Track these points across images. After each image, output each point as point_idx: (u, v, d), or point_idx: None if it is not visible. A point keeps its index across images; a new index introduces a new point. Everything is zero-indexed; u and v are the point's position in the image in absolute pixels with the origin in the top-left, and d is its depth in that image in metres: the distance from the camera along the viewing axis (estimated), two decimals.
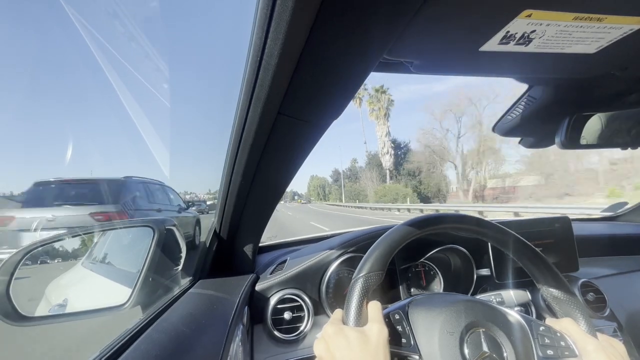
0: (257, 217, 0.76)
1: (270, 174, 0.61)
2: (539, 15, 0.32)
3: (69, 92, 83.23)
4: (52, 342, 1.80)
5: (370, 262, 0.47)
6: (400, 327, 0.45)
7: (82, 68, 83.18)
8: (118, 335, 0.47)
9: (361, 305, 0.44)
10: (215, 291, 0.69)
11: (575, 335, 0.44)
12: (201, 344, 0.46)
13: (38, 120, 67.59)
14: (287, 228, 10.21)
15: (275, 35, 0.30)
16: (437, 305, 0.48)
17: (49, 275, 1.16)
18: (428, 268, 0.90)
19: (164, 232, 0.80)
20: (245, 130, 0.48)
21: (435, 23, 0.33)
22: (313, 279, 0.82)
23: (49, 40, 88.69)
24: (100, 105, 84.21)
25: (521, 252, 0.51)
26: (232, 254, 0.85)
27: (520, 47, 0.38)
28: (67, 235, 0.89)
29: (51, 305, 1.03)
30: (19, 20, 77.09)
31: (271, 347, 0.75)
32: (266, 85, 0.37)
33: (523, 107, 0.63)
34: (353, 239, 0.86)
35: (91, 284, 1.12)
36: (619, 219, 1.36)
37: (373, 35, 0.31)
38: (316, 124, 0.47)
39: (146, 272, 0.74)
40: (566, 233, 0.90)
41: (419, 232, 0.50)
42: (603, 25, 0.35)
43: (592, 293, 0.82)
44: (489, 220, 0.55)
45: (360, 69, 0.37)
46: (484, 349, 0.43)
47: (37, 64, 78.82)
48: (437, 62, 0.43)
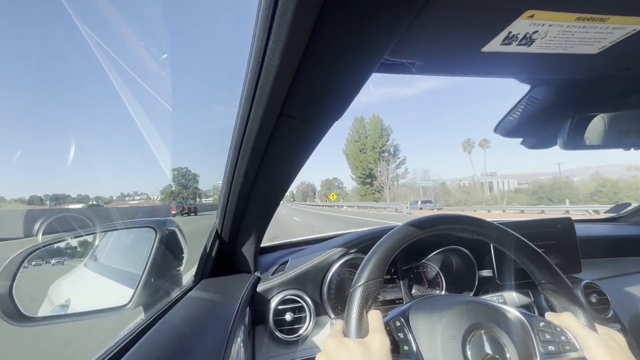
0: (258, 218, 0.76)
1: (272, 175, 0.61)
2: (541, 16, 0.32)
3: (70, 93, 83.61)
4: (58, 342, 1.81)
5: (368, 269, 0.46)
6: (402, 334, 0.44)
7: (86, 72, 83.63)
8: (120, 336, 0.47)
9: (361, 315, 0.43)
10: (216, 292, 0.69)
11: (576, 329, 0.44)
12: (203, 345, 0.46)
13: (38, 120, 67.79)
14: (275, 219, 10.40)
15: (277, 37, 0.30)
16: (437, 308, 0.47)
17: (52, 276, 1.17)
18: (430, 269, 0.90)
19: (166, 233, 0.80)
20: (247, 131, 0.48)
21: (437, 24, 0.33)
22: (314, 280, 0.82)
23: (52, 43, 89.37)
24: (102, 108, 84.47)
25: (519, 250, 0.51)
26: (233, 255, 0.85)
27: (522, 48, 0.38)
28: (70, 236, 0.89)
29: (54, 305, 1.03)
30: (25, 25, 77.68)
31: (272, 348, 0.74)
32: (268, 86, 0.37)
33: (525, 107, 0.63)
34: (354, 239, 0.86)
35: (93, 285, 1.12)
36: (622, 220, 1.35)
37: (375, 36, 0.31)
38: (318, 125, 0.47)
39: (148, 273, 0.74)
40: (569, 234, 0.90)
41: (417, 234, 0.50)
42: (605, 26, 0.35)
43: (595, 294, 0.82)
44: (488, 220, 0.55)
45: (362, 69, 0.37)
46: (486, 350, 0.42)
47: (39, 65, 79.21)
48: (439, 63, 0.43)
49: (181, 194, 63.19)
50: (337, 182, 77.80)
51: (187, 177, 66.61)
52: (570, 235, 0.90)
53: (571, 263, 0.89)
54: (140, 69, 3.22)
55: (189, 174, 67.38)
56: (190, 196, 62.73)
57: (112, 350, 0.43)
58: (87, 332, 1.60)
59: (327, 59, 0.34)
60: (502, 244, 0.53)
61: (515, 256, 0.52)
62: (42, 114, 71.14)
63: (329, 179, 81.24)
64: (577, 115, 0.59)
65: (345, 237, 0.89)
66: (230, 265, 0.86)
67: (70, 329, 1.78)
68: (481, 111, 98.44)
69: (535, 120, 0.64)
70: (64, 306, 0.98)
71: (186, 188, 64.68)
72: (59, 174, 76.13)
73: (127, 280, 0.82)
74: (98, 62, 6.29)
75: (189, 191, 64.78)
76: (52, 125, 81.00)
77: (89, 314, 0.72)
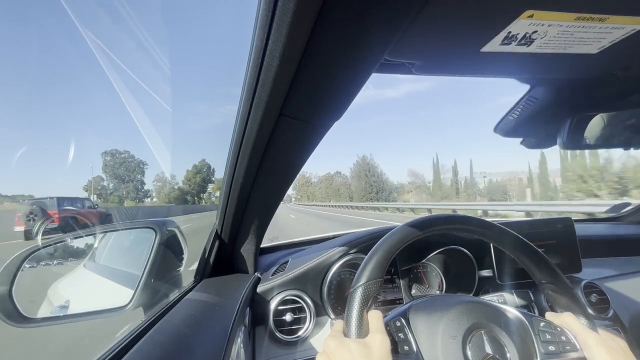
0: (258, 218, 0.76)
1: (272, 175, 0.61)
2: (540, 16, 0.32)
3: (71, 95, 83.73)
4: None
5: (368, 270, 0.46)
6: (402, 334, 0.44)
7: (86, 73, 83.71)
8: (120, 337, 0.47)
9: (361, 315, 0.43)
10: (216, 293, 0.69)
11: (576, 329, 0.44)
12: (203, 346, 0.46)
13: (39, 120, 67.82)
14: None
15: (277, 37, 0.30)
16: (437, 309, 0.47)
17: (51, 276, 1.17)
18: (430, 269, 0.90)
19: (166, 234, 0.80)
20: (247, 131, 0.48)
21: (436, 24, 0.33)
22: (315, 280, 0.82)
23: (52, 44, 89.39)
24: (103, 108, 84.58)
25: (519, 250, 0.51)
26: (233, 255, 0.85)
27: (522, 48, 0.38)
28: (69, 237, 0.89)
29: (53, 306, 1.03)
30: (25, 25, 77.70)
31: (273, 349, 0.74)
32: (268, 86, 0.37)
33: (525, 107, 0.63)
34: (354, 240, 0.86)
35: (93, 286, 1.12)
36: (622, 220, 1.35)
37: (374, 36, 0.31)
38: (318, 125, 0.47)
39: (148, 274, 0.74)
40: (569, 234, 0.90)
41: (417, 234, 0.50)
42: (605, 26, 0.35)
43: (595, 294, 0.82)
44: (488, 220, 0.55)
45: (361, 70, 0.37)
46: (486, 350, 0.42)
47: (40, 65, 79.26)
48: (439, 63, 0.43)
49: (119, 190, 44.27)
50: (341, 177, 65.84)
51: (129, 165, 44.85)
52: (570, 234, 0.90)
53: (571, 263, 0.89)
54: (140, 70, 3.22)
55: (130, 161, 45.08)
56: (132, 193, 44.75)
57: (112, 351, 0.43)
58: (93, 331, 1.60)
59: (327, 59, 0.34)
60: (502, 243, 0.53)
61: (515, 256, 0.52)
62: (37, 112, 71.10)
63: (330, 174, 70.73)
64: (576, 115, 0.59)
65: (345, 238, 0.89)
66: (230, 265, 0.86)
67: (75, 329, 1.77)
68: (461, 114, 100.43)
69: (535, 120, 0.64)
70: (64, 307, 0.98)
71: (125, 182, 44.47)
72: (59, 173, 75.89)
73: (127, 281, 0.82)
74: (98, 63, 6.22)
75: (128, 187, 44.70)
76: (51, 124, 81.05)
77: (88, 314, 0.72)
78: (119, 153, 45.80)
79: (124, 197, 44.39)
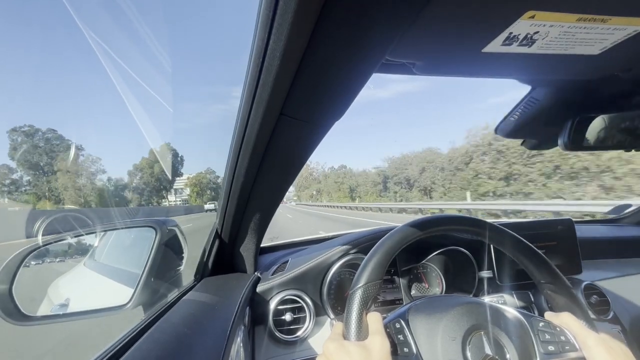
0: (259, 218, 0.76)
1: (272, 175, 0.61)
2: (542, 17, 0.32)
3: (72, 96, 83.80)
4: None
5: (367, 271, 0.46)
6: (402, 336, 0.44)
7: (87, 72, 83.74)
8: (120, 335, 0.47)
9: (361, 317, 0.43)
10: (216, 292, 0.69)
11: (575, 329, 0.44)
12: (202, 345, 0.46)
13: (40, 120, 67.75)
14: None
15: (278, 37, 0.30)
16: (437, 310, 0.47)
17: (52, 275, 1.17)
18: (429, 270, 0.90)
19: (166, 233, 0.80)
20: (248, 131, 0.48)
21: (438, 24, 0.33)
22: (314, 280, 0.82)
23: (53, 43, 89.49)
24: (103, 108, 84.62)
25: (518, 251, 0.51)
26: (233, 255, 0.85)
27: (523, 49, 0.37)
28: (70, 235, 0.89)
29: (53, 304, 1.03)
30: (26, 25, 77.78)
31: (272, 348, 0.74)
32: (268, 86, 0.37)
33: (526, 108, 0.63)
34: (354, 240, 0.86)
35: (93, 284, 1.12)
36: (623, 221, 1.35)
37: (375, 37, 0.31)
38: (318, 125, 0.47)
39: (148, 273, 0.74)
40: (569, 235, 0.90)
41: (417, 235, 0.50)
42: (607, 27, 0.35)
43: (596, 296, 0.82)
44: (487, 221, 0.55)
45: (362, 70, 0.37)
46: (486, 351, 0.42)
47: (40, 65, 79.35)
48: (440, 64, 0.43)
49: (40, 185, 28.10)
50: (347, 171, 58.48)
51: (54, 150, 27.97)
52: (570, 236, 0.90)
53: (571, 264, 0.88)
54: (141, 70, 3.22)
55: (57, 144, 28.59)
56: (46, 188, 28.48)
57: (112, 350, 0.43)
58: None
59: (327, 59, 0.34)
60: (501, 244, 0.53)
61: (515, 257, 0.52)
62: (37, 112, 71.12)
63: (333, 168, 65.02)
64: (578, 116, 0.59)
65: (345, 238, 0.89)
66: (230, 265, 0.86)
67: (76, 326, 1.78)
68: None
69: (536, 121, 0.64)
70: (64, 305, 0.98)
71: (37, 169, 27.97)
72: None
73: (127, 280, 0.82)
74: (100, 64, 6.15)
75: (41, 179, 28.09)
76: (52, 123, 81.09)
77: (88, 313, 0.72)
78: (30, 126, 28.40)
79: (44, 196, 29.54)
